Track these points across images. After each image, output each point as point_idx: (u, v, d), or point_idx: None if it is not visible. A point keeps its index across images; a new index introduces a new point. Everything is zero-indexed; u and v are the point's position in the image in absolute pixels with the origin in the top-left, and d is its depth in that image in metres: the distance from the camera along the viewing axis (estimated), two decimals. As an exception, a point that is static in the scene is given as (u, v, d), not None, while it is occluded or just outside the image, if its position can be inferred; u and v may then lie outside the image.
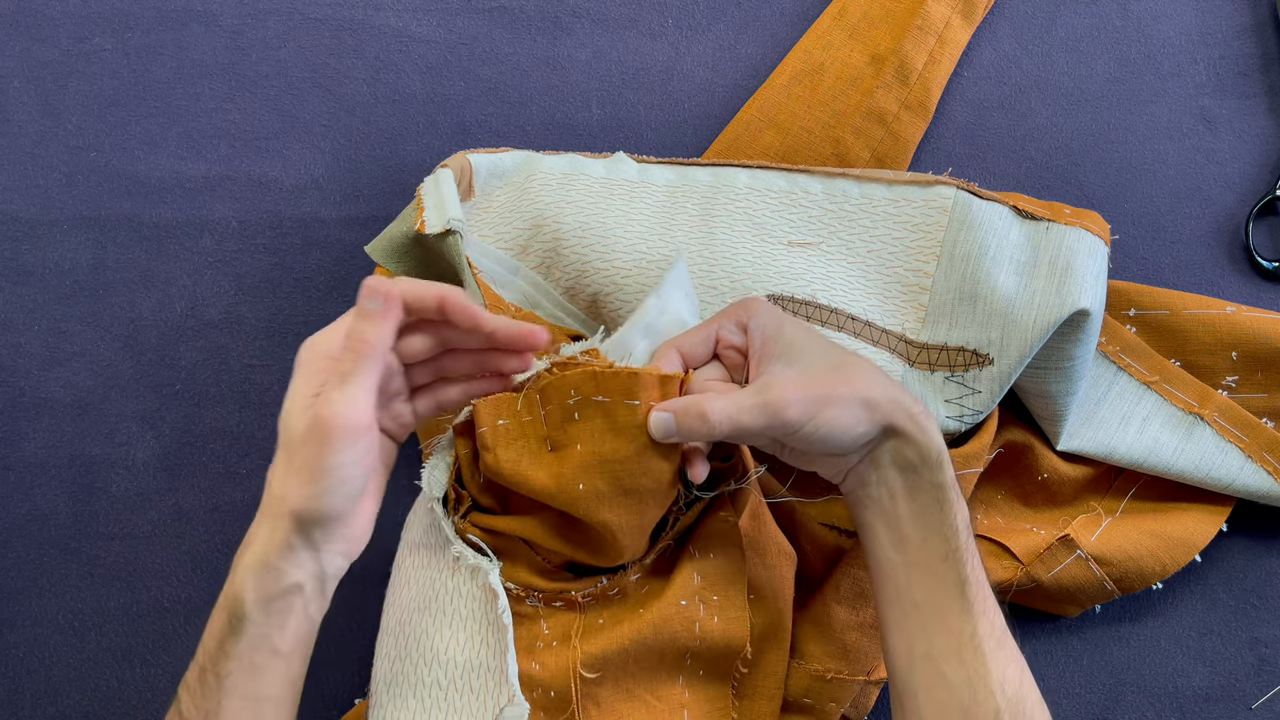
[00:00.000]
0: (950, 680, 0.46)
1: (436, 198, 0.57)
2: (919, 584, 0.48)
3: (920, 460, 0.47)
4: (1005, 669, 0.46)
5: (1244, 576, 0.67)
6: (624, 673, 0.54)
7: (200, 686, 0.44)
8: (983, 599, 0.47)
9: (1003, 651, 0.46)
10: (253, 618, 0.44)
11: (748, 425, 0.47)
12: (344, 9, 0.69)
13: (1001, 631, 0.47)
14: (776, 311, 0.51)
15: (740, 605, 0.54)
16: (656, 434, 0.48)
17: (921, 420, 0.48)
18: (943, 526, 0.47)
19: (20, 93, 0.68)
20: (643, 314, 0.52)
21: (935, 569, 0.47)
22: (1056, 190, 0.69)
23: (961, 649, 0.46)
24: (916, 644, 0.48)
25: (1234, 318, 0.64)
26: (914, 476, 0.48)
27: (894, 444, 0.48)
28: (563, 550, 0.52)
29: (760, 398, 0.47)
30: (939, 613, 0.47)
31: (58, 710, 0.64)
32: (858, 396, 0.47)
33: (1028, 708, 0.46)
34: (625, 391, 0.49)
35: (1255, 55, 0.70)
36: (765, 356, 0.49)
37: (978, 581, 0.47)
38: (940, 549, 0.47)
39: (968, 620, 0.46)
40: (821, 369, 0.48)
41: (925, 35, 0.67)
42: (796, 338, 0.49)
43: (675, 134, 0.69)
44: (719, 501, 0.54)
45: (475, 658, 0.52)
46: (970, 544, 0.48)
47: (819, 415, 0.46)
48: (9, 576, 0.64)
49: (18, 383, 0.66)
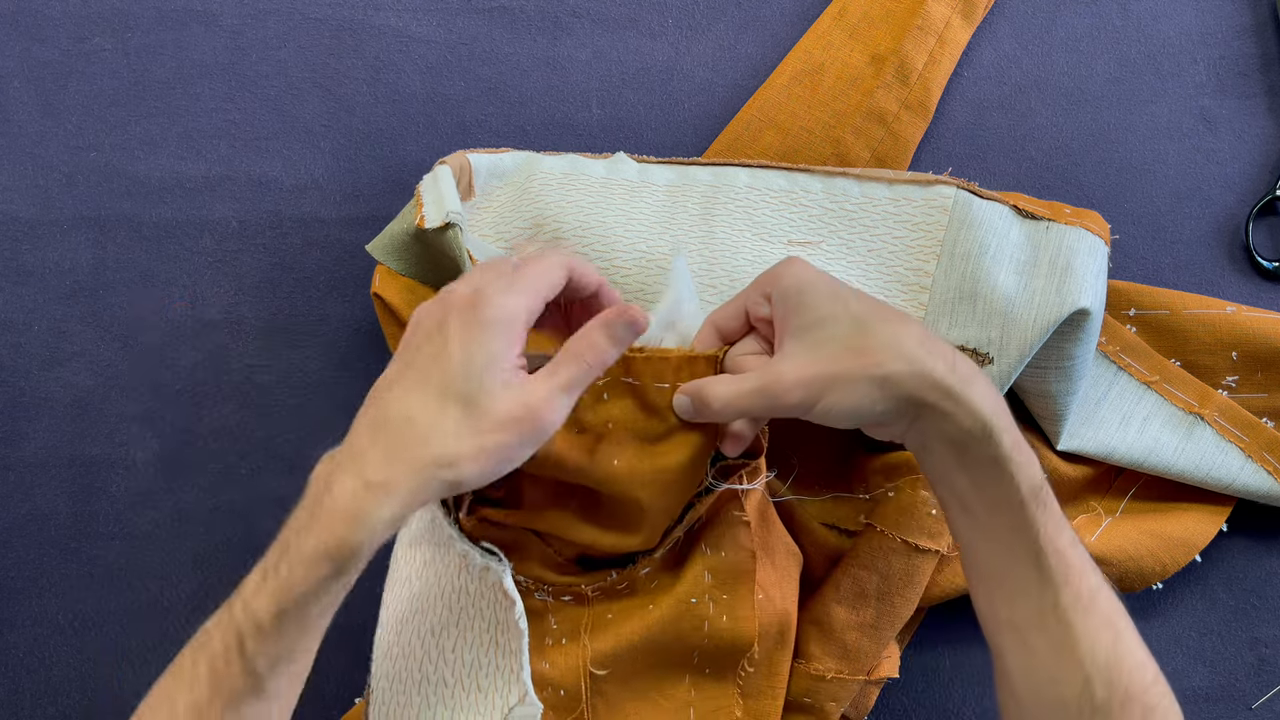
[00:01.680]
0: (1035, 648, 0.44)
1: (435, 193, 0.58)
2: (993, 553, 0.46)
3: (965, 435, 0.44)
4: (1096, 636, 0.43)
5: (1244, 576, 0.66)
6: (633, 671, 0.54)
7: (276, 629, 0.42)
8: (1064, 568, 0.44)
9: (1091, 619, 0.44)
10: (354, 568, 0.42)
11: (749, 409, 0.46)
12: (344, 9, 0.69)
13: (1089, 597, 0.44)
14: (804, 275, 0.48)
15: (749, 604, 0.54)
16: (680, 414, 0.49)
17: (960, 391, 0.44)
18: (1006, 499, 0.44)
19: (20, 93, 0.68)
20: (661, 307, 0.52)
21: (1005, 539, 0.45)
22: (1056, 190, 0.69)
23: (1044, 617, 0.44)
24: (1000, 610, 0.46)
25: (1234, 318, 0.64)
26: (963, 451, 0.45)
27: (931, 419, 0.45)
28: (579, 540, 0.52)
29: (761, 381, 0.46)
30: (1017, 581, 0.45)
31: (58, 710, 0.64)
32: (870, 375, 0.44)
33: (1124, 674, 0.43)
34: (655, 375, 0.49)
35: (1255, 55, 0.70)
36: (785, 330, 0.47)
37: (1056, 551, 0.44)
38: (1007, 521, 0.45)
39: (1048, 590, 0.44)
40: (836, 344, 0.45)
41: (925, 35, 0.67)
42: (819, 306, 0.46)
43: (675, 134, 0.69)
44: (732, 500, 0.54)
45: (483, 656, 0.52)
46: (1043, 514, 0.44)
47: (825, 398, 0.45)
48: (9, 576, 0.64)
49: (18, 383, 0.66)
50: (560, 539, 0.53)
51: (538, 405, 0.43)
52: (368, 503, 0.41)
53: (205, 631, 0.43)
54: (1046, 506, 0.45)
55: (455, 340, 0.43)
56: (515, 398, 0.43)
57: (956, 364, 0.45)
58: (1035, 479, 0.45)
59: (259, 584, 0.43)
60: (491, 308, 0.44)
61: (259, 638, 0.42)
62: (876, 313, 0.46)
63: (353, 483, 0.42)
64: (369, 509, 0.41)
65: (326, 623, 0.44)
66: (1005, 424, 0.45)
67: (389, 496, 0.41)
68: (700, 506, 0.53)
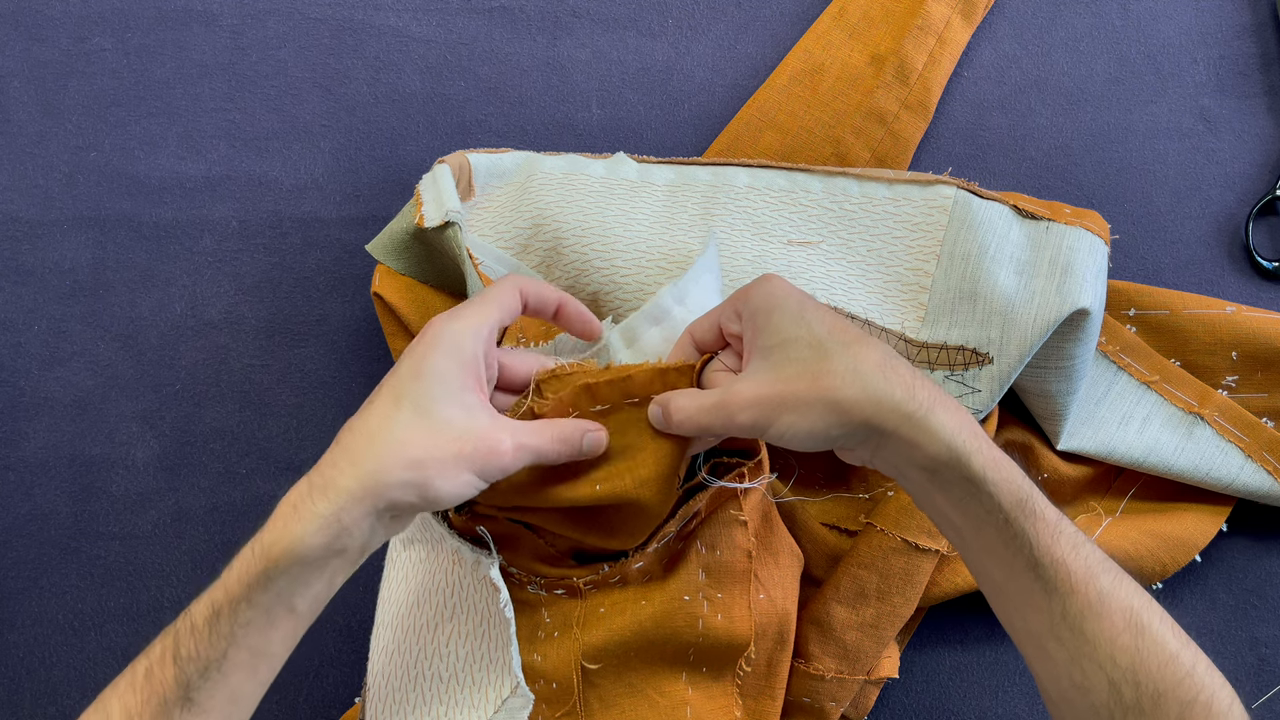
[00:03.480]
0: (1054, 658, 0.44)
1: (435, 192, 0.58)
2: (992, 568, 0.45)
3: (931, 461, 0.44)
4: (1115, 640, 0.42)
5: (1244, 576, 0.66)
6: (625, 666, 0.54)
7: (209, 631, 0.42)
8: (1065, 575, 0.43)
9: (1105, 623, 0.43)
10: (291, 572, 0.42)
11: (707, 426, 0.46)
12: (344, 9, 0.69)
13: (1100, 601, 0.43)
14: (775, 294, 0.48)
15: (744, 604, 0.54)
16: (653, 423, 0.49)
17: (920, 417, 0.43)
18: (989, 516, 0.44)
19: (20, 93, 0.68)
20: (655, 301, 0.53)
21: (998, 554, 0.44)
22: (1056, 190, 0.69)
23: (1056, 628, 0.43)
24: (1015, 620, 0.45)
25: (1234, 318, 0.64)
26: (934, 475, 0.44)
27: (895, 446, 0.45)
28: (568, 535, 0.52)
29: (718, 399, 0.46)
30: (1021, 593, 0.44)
31: (58, 710, 0.64)
32: (823, 400, 0.44)
33: (1150, 673, 0.42)
34: (625, 393, 0.49)
35: (1255, 55, 0.70)
36: (752, 349, 0.47)
37: (1054, 560, 0.43)
38: (995, 538, 0.44)
39: (1054, 600, 0.43)
40: (796, 368, 0.45)
41: (925, 35, 0.67)
42: (784, 328, 0.46)
43: (675, 134, 0.69)
44: (730, 500, 0.54)
45: (476, 650, 0.53)
46: (1033, 525, 0.44)
47: (777, 420, 0.45)
48: (9, 576, 0.64)
49: (18, 383, 0.66)
50: (551, 532, 0.53)
51: (486, 432, 0.45)
52: (303, 502, 0.43)
53: (157, 639, 0.44)
54: (1037, 516, 0.44)
55: (405, 362, 0.46)
56: (467, 416, 0.45)
57: (916, 390, 0.44)
58: (1018, 493, 0.44)
59: (206, 592, 0.43)
60: (433, 330, 0.46)
61: (192, 639, 0.42)
62: (837, 336, 0.46)
63: (299, 487, 0.43)
64: (303, 507, 0.42)
65: (266, 644, 0.43)
66: (974, 445, 0.44)
67: (324, 495, 0.42)
68: (695, 503, 0.53)
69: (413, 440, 0.43)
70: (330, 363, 0.66)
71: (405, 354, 0.46)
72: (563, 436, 0.48)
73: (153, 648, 0.43)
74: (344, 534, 0.42)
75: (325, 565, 0.43)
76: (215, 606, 0.43)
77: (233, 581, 0.43)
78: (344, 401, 0.66)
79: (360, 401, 0.46)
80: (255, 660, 0.43)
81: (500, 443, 0.45)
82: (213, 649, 0.42)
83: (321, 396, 0.66)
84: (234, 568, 0.43)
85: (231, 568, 0.43)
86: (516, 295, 0.49)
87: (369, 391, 0.44)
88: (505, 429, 0.45)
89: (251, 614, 0.42)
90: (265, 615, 0.43)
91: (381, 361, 0.66)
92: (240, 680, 0.43)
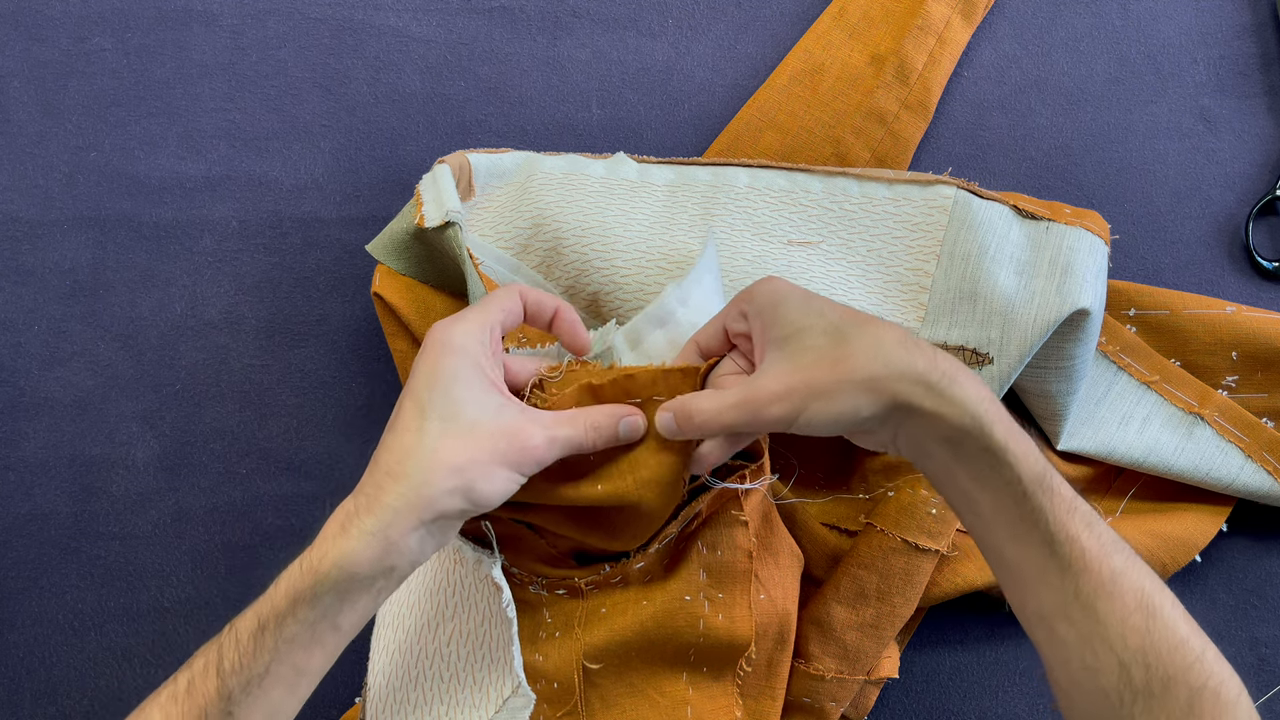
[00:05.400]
0: (1064, 639, 0.43)
1: (435, 192, 0.58)
2: (1007, 546, 0.45)
3: (955, 431, 0.44)
4: (1126, 621, 0.42)
5: (1244, 576, 0.66)
6: (626, 666, 0.54)
7: (254, 645, 0.42)
8: (1079, 553, 0.43)
9: (1117, 603, 0.42)
10: (339, 588, 0.43)
11: (732, 423, 0.46)
12: (344, 9, 0.69)
13: (1112, 581, 0.43)
14: (779, 289, 0.48)
15: (745, 604, 0.54)
16: (663, 431, 0.49)
17: (944, 387, 0.44)
18: (1009, 489, 0.44)
19: (20, 93, 0.68)
20: (659, 303, 0.52)
21: (1014, 530, 0.44)
22: (1056, 190, 0.69)
23: (1068, 608, 0.43)
24: (1027, 602, 0.45)
25: (1234, 318, 0.64)
26: (958, 447, 0.44)
27: (919, 420, 0.44)
28: (574, 535, 0.52)
29: (742, 396, 0.46)
30: (1034, 571, 0.44)
31: (58, 710, 0.64)
32: (853, 380, 0.44)
33: (1161, 656, 0.42)
34: (626, 394, 0.49)
35: (1255, 55, 0.70)
36: (764, 344, 0.47)
37: (1068, 537, 0.43)
38: (1014, 511, 0.44)
39: (1067, 578, 0.43)
40: (815, 354, 0.45)
41: (925, 35, 0.67)
42: (795, 317, 0.46)
43: (675, 134, 0.69)
44: (731, 500, 0.54)
45: (477, 649, 0.53)
46: (1050, 500, 0.44)
47: (808, 408, 0.44)
48: (9, 576, 0.64)
49: (18, 383, 0.66)
50: (553, 533, 0.53)
51: (519, 427, 0.45)
52: (351, 520, 0.43)
53: (200, 651, 0.44)
54: (1054, 491, 0.44)
55: (418, 374, 0.46)
56: (494, 414, 0.45)
57: (938, 361, 0.45)
58: (1036, 467, 0.44)
59: (251, 606, 0.44)
60: (437, 335, 0.46)
61: (236, 651, 0.42)
62: (852, 319, 0.46)
63: (345, 507, 0.44)
64: (351, 526, 0.43)
65: (308, 661, 0.44)
66: (996, 415, 0.44)
67: (371, 512, 0.43)
68: (697, 504, 0.53)
69: (449, 448, 0.44)
70: (330, 363, 0.66)
71: (415, 365, 0.46)
72: (596, 424, 0.47)
73: (194, 660, 0.44)
74: (392, 550, 0.43)
75: (373, 583, 0.44)
76: (261, 620, 0.43)
77: (279, 597, 0.43)
78: (344, 401, 0.66)
79: (360, 401, 0.46)
80: (296, 677, 0.44)
81: (531, 436, 0.45)
82: (256, 662, 0.42)
83: (321, 396, 0.66)
84: (281, 583, 0.43)
85: (278, 583, 0.43)
86: (517, 298, 0.49)
87: (369, 391, 0.44)
88: (536, 422, 0.46)
89: (297, 629, 0.43)
90: (310, 631, 0.43)
91: (381, 361, 0.66)
92: (280, 695, 0.43)
